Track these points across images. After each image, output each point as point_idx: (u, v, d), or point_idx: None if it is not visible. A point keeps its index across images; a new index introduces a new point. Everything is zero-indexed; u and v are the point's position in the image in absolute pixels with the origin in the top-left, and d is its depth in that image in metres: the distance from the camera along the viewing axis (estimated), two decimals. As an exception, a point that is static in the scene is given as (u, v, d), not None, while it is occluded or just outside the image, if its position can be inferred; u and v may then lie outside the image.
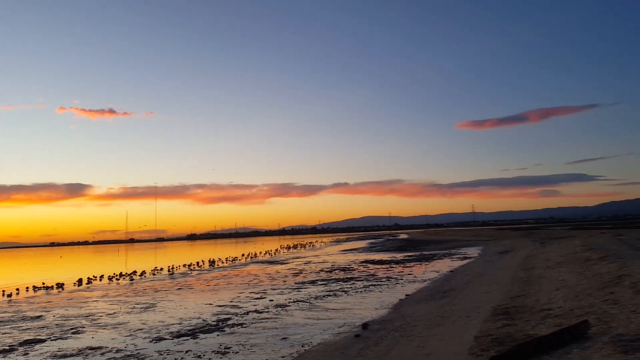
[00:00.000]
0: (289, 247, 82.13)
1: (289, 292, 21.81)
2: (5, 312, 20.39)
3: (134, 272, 38.16)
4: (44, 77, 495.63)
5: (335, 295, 20.04)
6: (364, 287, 22.32)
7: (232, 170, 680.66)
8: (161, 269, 41.75)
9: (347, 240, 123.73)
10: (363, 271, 30.96)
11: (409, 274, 27.24)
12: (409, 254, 48.26)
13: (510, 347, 7.49)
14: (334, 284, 24.08)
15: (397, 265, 34.08)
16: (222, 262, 48.89)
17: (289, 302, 18.59)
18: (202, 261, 49.36)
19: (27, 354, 12.29)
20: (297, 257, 52.83)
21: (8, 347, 13.08)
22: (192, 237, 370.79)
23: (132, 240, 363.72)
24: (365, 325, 12.78)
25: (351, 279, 26.40)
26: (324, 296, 19.79)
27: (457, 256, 40.18)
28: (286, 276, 30.31)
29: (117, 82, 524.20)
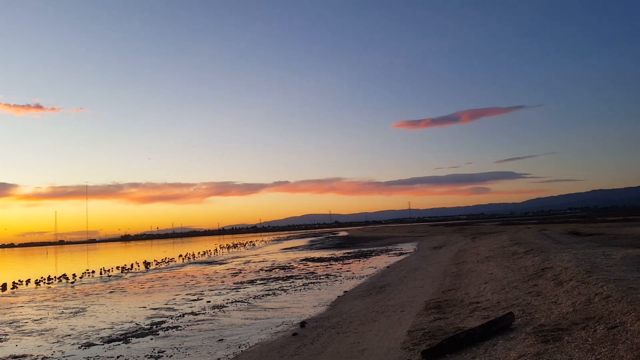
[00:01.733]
0: (228, 247, 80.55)
1: (227, 293, 21.30)
2: None
3: (64, 276, 35.62)
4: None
5: (274, 294, 19.82)
6: (303, 285, 22.28)
7: (169, 169, 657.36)
8: (93, 272, 39.29)
9: (287, 238, 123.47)
10: (303, 269, 30.95)
11: (348, 271, 27.58)
12: (348, 251, 48.97)
13: (440, 340, 7.70)
14: (274, 283, 23.84)
15: (336, 263, 34.41)
16: (158, 264, 46.95)
17: (226, 303, 18.13)
18: (137, 263, 47.08)
19: None
20: (237, 257, 51.90)
21: None
22: (126, 239, 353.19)
23: (62, 242, 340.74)
24: (302, 324, 12.71)
25: (291, 277, 26.28)
26: (262, 295, 19.51)
27: (394, 252, 41.30)
28: (224, 276, 29.62)
29: (44, 76, 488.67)
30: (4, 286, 30.07)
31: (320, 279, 24.52)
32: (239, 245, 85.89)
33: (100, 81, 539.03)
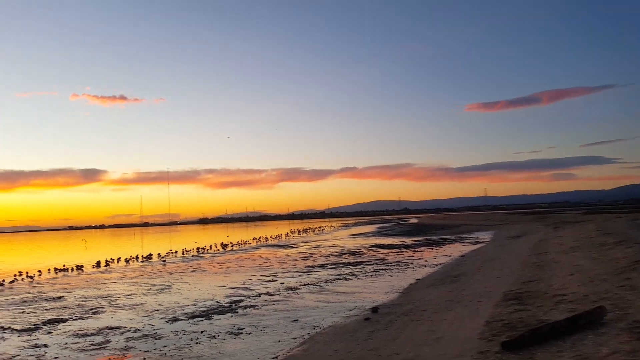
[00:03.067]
0: (298, 232, 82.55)
1: (299, 276, 21.94)
2: (29, 292, 20.84)
3: (150, 255, 38.66)
4: (58, 64, 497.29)
5: (345, 279, 20.11)
6: (374, 271, 22.36)
7: (242, 155, 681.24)
8: (175, 252, 42.24)
9: (356, 224, 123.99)
10: (372, 255, 31.02)
11: (419, 259, 27.22)
12: (419, 238, 48.22)
13: (522, 332, 7.43)
14: (344, 268, 24.16)
15: (407, 250, 34.07)
16: (234, 246, 49.34)
17: (299, 285, 18.70)
18: (215, 244, 49.85)
19: (51, 332, 12.56)
20: (307, 241, 53.09)
21: (33, 326, 13.38)
22: (203, 221, 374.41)
23: (146, 224, 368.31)
24: (375, 309, 12.81)
25: (361, 263, 26.47)
26: (333, 280, 19.87)
27: (468, 241, 40.03)
28: (296, 260, 30.48)
29: (127, 69, 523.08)
30: (98, 263, 33.25)
31: (391, 265, 24.45)
32: (308, 230, 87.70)
33: (177, 73, 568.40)
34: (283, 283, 19.72)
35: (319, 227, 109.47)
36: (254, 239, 60.16)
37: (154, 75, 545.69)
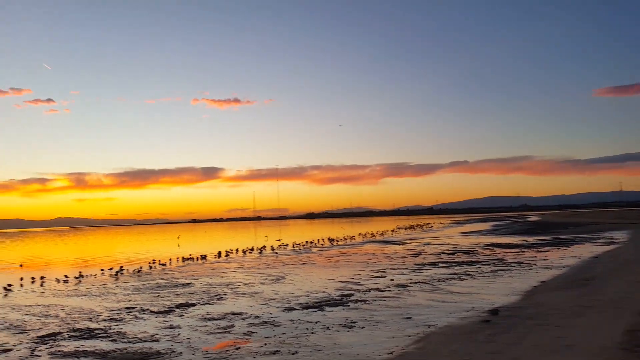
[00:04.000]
0: (405, 228, 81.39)
1: (409, 273, 21.71)
2: (162, 278, 23.61)
3: (263, 247, 41.27)
4: (180, 73, 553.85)
5: (459, 278, 19.44)
6: (491, 271, 21.26)
7: (346, 151, 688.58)
8: (286, 245, 44.47)
9: (467, 222, 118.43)
10: (489, 255, 29.47)
11: (543, 260, 25.21)
12: (542, 237, 44.58)
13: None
14: (457, 267, 23.34)
15: (528, 250, 31.77)
16: (340, 241, 50.37)
17: (409, 283, 18.53)
18: (322, 239, 51.38)
19: (182, 315, 14.13)
20: (414, 238, 52.16)
21: (167, 309, 15.18)
22: (310, 216, 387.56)
23: (259, 218, 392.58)
24: (494, 311, 12.23)
25: (476, 262, 25.33)
26: (446, 279, 19.33)
27: (601, 241, 36.04)
28: (404, 257, 30.17)
29: (240, 74, 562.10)
30: (219, 254, 36.43)
31: (510, 266, 23.04)
32: (416, 227, 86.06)
33: (285, 75, 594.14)
34: (392, 279, 19.71)
35: (427, 223, 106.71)
36: (359, 234, 60.79)
37: (264, 78, 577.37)
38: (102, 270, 27.19)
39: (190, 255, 35.25)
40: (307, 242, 47.25)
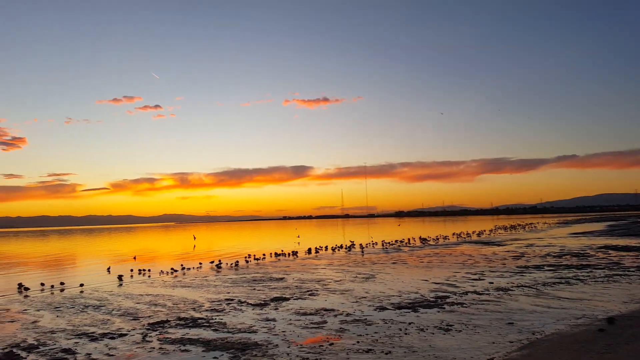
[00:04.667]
0: (504, 228, 76.80)
1: (510, 276, 20.45)
2: (257, 272, 24.78)
3: (352, 245, 41.50)
4: (271, 76, 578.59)
5: (567, 283, 17.91)
6: (606, 276, 19.30)
7: (438, 148, 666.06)
8: (375, 243, 44.25)
9: (577, 221, 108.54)
10: (603, 258, 26.78)
11: (670, 265, 22.32)
12: (667, 240, 39.50)
13: None
14: (565, 271, 21.51)
15: (650, 254, 28.34)
16: (432, 241, 48.92)
17: (511, 287, 17.45)
18: (413, 238, 50.32)
19: (277, 309, 14.70)
20: (516, 239, 48.98)
21: (262, 302, 15.90)
22: (399, 214, 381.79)
23: (347, 216, 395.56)
24: (611, 320, 11.08)
25: (587, 266, 23.15)
26: (553, 283, 17.91)
27: None
28: (505, 259, 28.48)
29: (328, 73, 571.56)
30: (309, 250, 37.32)
31: (628, 271, 20.74)
32: (517, 227, 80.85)
33: (374, 72, 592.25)
34: (492, 282, 18.71)
35: (530, 223, 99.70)
36: (453, 234, 58.56)
37: (352, 76, 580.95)
38: (200, 263, 29.17)
39: (282, 251, 36.56)
40: (397, 241, 46.60)
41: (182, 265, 28.47)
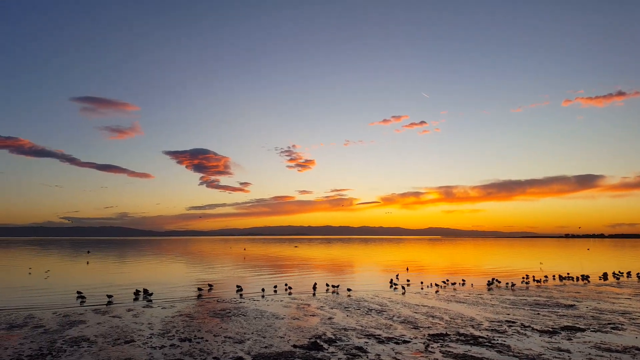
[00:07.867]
0: None
1: None
2: (539, 296, 22.77)
3: (669, 273, 33.42)
4: (547, 74, 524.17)
5: None
6: None
7: None
8: None
9: None
10: None
11: None
12: None
13: None
14: None
15: None
16: None
17: None
18: None
19: (570, 339, 13.14)
20: None
21: (551, 329, 14.49)
22: None
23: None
24: None
25: None
26: None
27: None
28: None
29: (624, 62, 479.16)
30: (605, 276, 31.85)
31: None
32: None
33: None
34: None
35: None
36: None
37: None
38: (463, 280, 28.55)
39: (568, 274, 32.51)
40: None
41: (446, 279, 28.50)
